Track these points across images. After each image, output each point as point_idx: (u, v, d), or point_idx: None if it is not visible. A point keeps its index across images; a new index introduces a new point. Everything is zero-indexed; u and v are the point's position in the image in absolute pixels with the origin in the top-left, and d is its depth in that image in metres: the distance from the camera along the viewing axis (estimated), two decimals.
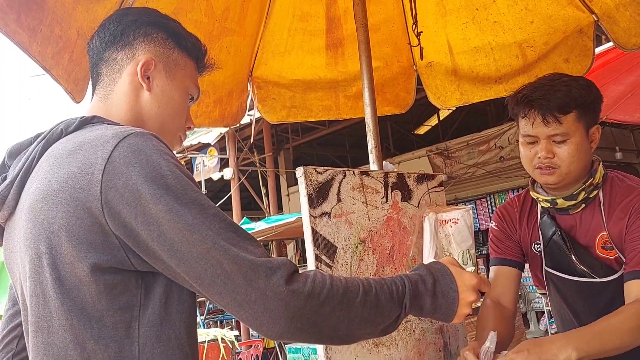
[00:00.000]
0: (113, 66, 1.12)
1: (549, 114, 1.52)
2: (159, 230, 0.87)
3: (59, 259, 0.91)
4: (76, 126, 1.01)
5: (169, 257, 0.89)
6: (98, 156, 0.91)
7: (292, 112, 2.88)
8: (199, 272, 0.88)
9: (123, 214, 0.88)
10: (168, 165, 0.92)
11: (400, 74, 2.97)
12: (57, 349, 0.92)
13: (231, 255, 0.88)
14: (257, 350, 6.51)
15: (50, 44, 1.50)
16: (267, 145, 10.79)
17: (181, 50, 1.17)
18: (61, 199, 0.90)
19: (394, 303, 1.02)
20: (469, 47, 2.77)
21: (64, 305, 0.91)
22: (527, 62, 2.64)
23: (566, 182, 1.60)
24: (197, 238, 0.88)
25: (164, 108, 1.14)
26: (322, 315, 0.92)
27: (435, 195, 1.95)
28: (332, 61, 2.84)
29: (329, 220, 1.56)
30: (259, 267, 0.89)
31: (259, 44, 2.73)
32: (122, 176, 0.89)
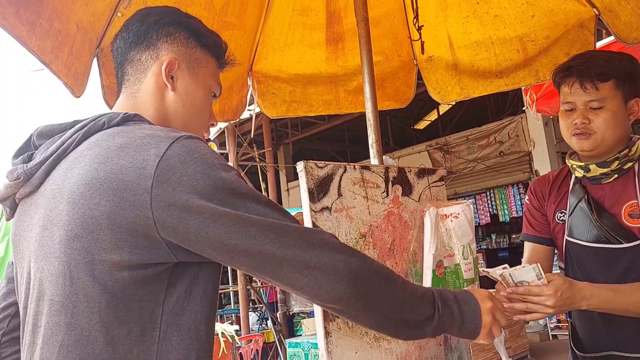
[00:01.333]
0: (138, 66, 1.16)
1: (587, 80, 1.60)
2: (214, 218, 0.92)
3: (95, 244, 0.94)
4: (118, 121, 1.05)
5: (221, 244, 0.93)
6: (151, 153, 0.94)
7: (292, 106, 2.87)
8: (254, 254, 0.94)
9: (175, 207, 0.92)
10: (220, 164, 0.97)
11: (400, 69, 2.96)
12: (80, 329, 0.94)
13: (288, 230, 0.96)
14: (257, 344, 6.52)
15: (50, 38, 1.50)
16: (266, 141, 10.77)
17: (203, 49, 1.20)
18: (107, 188, 0.93)
19: (427, 300, 1.11)
20: (470, 41, 2.76)
21: (94, 288, 0.94)
22: (528, 57, 2.63)
23: (601, 150, 1.65)
24: (253, 223, 0.94)
25: (188, 107, 1.17)
26: (373, 285, 1.00)
27: (436, 189, 1.94)
28: (332, 55, 2.83)
29: (329, 215, 1.55)
30: (314, 234, 0.98)
31: (259, 38, 2.72)
32: (176, 172, 0.93)
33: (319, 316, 1.50)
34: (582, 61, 1.65)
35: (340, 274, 0.96)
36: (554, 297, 1.44)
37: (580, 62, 1.64)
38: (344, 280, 0.96)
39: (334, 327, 1.51)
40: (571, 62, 1.68)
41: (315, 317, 1.53)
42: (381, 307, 1.04)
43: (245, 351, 6.31)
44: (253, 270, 0.98)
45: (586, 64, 1.63)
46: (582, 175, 1.73)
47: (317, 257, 0.96)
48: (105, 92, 2.05)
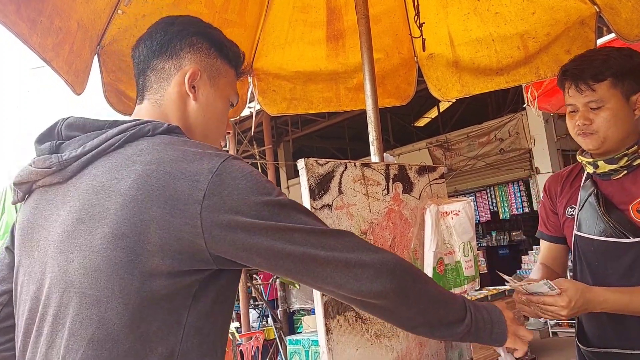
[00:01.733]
0: (161, 75, 1.18)
1: (582, 82, 1.63)
2: (261, 227, 0.98)
3: (141, 245, 0.96)
4: (164, 130, 1.09)
5: (266, 250, 0.99)
6: (204, 168, 0.99)
7: (293, 104, 2.87)
8: (298, 257, 1.00)
9: (224, 217, 0.97)
10: (266, 182, 1.04)
11: (401, 66, 2.96)
12: (112, 324, 0.97)
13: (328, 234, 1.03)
14: (257, 341, 6.53)
15: (50, 35, 1.49)
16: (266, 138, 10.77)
17: (223, 59, 1.23)
18: (160, 195, 0.97)
19: (458, 302, 1.16)
20: (470, 39, 2.76)
21: (132, 286, 0.97)
22: (529, 54, 2.63)
23: (607, 148, 1.67)
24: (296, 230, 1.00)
25: (209, 117, 1.21)
26: (408, 282, 1.06)
27: (436, 187, 1.94)
28: (332, 53, 2.83)
29: (330, 212, 1.56)
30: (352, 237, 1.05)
31: (260, 36, 2.71)
32: (228, 187, 0.98)
33: (319, 313, 1.50)
34: (577, 64, 1.68)
35: (379, 270, 1.02)
36: (567, 307, 1.51)
37: (575, 65, 1.68)
38: (383, 276, 1.02)
39: (335, 324, 1.51)
40: (568, 64, 1.71)
41: (316, 314, 1.54)
42: (417, 302, 1.09)
43: (246, 348, 6.32)
44: (298, 275, 1.03)
45: (580, 67, 1.66)
46: (593, 172, 1.75)
47: (357, 256, 1.02)
48: (106, 89, 2.05)
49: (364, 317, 1.59)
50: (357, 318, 1.58)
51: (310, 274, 1.02)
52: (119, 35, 2.04)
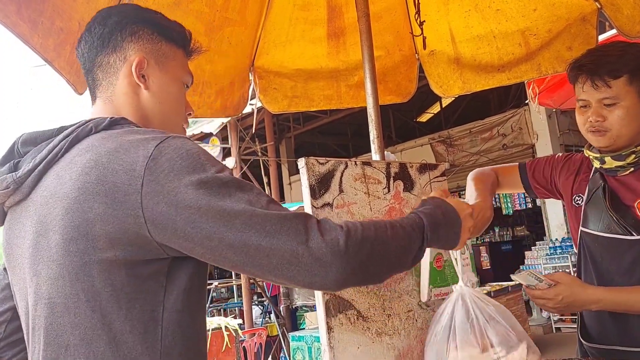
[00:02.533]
0: (108, 70, 1.16)
1: (598, 78, 1.59)
2: (199, 213, 0.92)
3: (91, 245, 0.96)
4: (105, 125, 1.06)
5: (207, 239, 0.93)
6: (139, 155, 0.96)
7: (294, 101, 2.87)
8: (240, 247, 0.92)
9: (163, 203, 0.93)
10: (206, 158, 0.98)
11: (402, 63, 2.95)
12: (83, 328, 0.97)
13: (273, 218, 0.93)
14: (260, 338, 6.55)
15: (52, 35, 1.50)
16: (268, 135, 10.77)
17: (168, 42, 1.19)
18: (99, 191, 0.95)
19: (416, 233, 1.12)
20: (472, 35, 2.75)
21: (93, 288, 0.96)
22: (530, 50, 2.62)
23: (618, 145, 1.65)
24: (237, 216, 0.92)
25: (164, 103, 1.18)
26: (365, 254, 0.98)
27: (437, 185, 1.94)
28: (333, 50, 2.82)
29: (331, 211, 1.56)
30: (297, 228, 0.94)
31: (260, 34, 2.71)
32: (164, 170, 0.94)
33: (321, 312, 1.51)
34: (593, 58, 1.63)
35: (331, 258, 0.93)
36: (553, 301, 1.58)
37: (591, 60, 1.63)
38: (336, 262, 0.93)
39: (336, 323, 1.52)
40: (583, 59, 1.66)
41: (317, 313, 1.54)
42: (381, 266, 1.04)
43: (249, 345, 6.34)
44: (243, 267, 0.95)
45: (597, 62, 1.61)
46: (599, 167, 1.74)
47: (305, 244, 0.92)
48: None
49: (365, 316, 1.59)
50: (359, 316, 1.58)
51: (256, 266, 0.94)
52: None
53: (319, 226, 0.95)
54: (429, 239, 1.14)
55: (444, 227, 1.20)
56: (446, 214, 1.22)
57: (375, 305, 1.63)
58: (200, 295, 1.06)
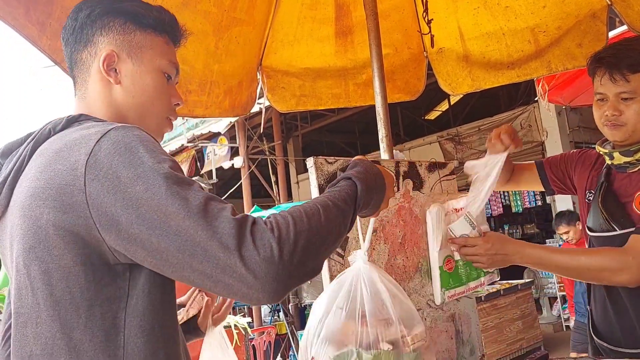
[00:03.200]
0: (81, 67, 1.11)
1: (617, 72, 1.59)
2: (137, 212, 0.87)
3: (47, 252, 0.93)
4: (63, 125, 1.02)
5: (146, 239, 0.87)
6: (82, 152, 0.92)
7: (302, 100, 2.87)
8: (173, 253, 0.86)
9: (105, 202, 0.88)
10: (146, 150, 0.92)
11: (410, 61, 2.94)
12: (44, 338, 0.93)
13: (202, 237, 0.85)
14: (269, 336, 6.56)
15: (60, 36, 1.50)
16: (276, 134, 10.78)
17: (144, 30, 1.13)
18: (48, 196, 0.92)
19: (349, 205, 1.06)
20: (481, 33, 2.74)
21: (52, 296, 0.93)
22: (540, 47, 2.61)
23: (633, 140, 1.65)
24: (172, 217, 0.86)
25: (139, 96, 1.12)
26: (301, 252, 0.90)
27: (447, 183, 1.94)
28: (341, 49, 2.82)
29: None
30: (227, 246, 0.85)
31: (268, 33, 2.71)
32: (103, 167, 0.89)
33: None
34: (613, 52, 1.63)
35: (264, 268, 0.85)
36: (483, 247, 1.63)
37: (611, 53, 1.63)
38: (271, 273, 0.85)
39: None
40: (603, 52, 1.67)
41: None
42: (318, 255, 0.95)
43: (258, 343, 6.36)
44: (180, 272, 0.88)
45: (617, 55, 1.61)
46: (610, 163, 1.74)
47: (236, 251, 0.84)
48: None
49: None
50: None
51: (192, 273, 0.87)
52: None
53: (252, 230, 0.87)
54: (360, 207, 1.09)
55: (375, 192, 1.14)
56: (377, 178, 1.16)
57: None
58: (165, 296, 1.00)
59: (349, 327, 1.24)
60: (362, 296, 1.25)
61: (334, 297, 1.28)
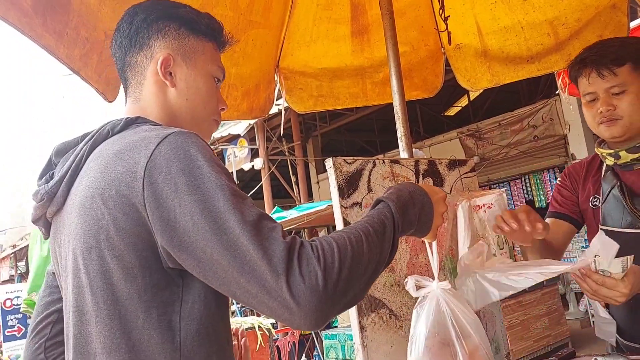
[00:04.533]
0: (136, 69, 1.14)
1: (604, 67, 1.59)
2: (192, 221, 0.87)
3: (108, 252, 0.95)
4: (121, 127, 1.05)
5: (198, 248, 0.88)
6: (141, 155, 0.93)
7: (320, 101, 2.87)
8: (223, 266, 0.87)
9: (161, 207, 0.90)
10: (205, 159, 0.92)
11: (427, 58, 2.92)
12: (104, 336, 0.96)
13: (253, 257, 0.85)
14: (293, 337, 6.58)
15: (77, 46, 1.52)
16: (295, 134, 10.80)
17: (196, 36, 1.16)
18: (109, 197, 0.94)
19: (389, 230, 1.04)
20: (499, 27, 2.70)
21: (112, 296, 0.95)
22: (559, 40, 2.57)
23: (631, 134, 1.63)
24: (227, 232, 0.86)
25: (192, 99, 1.15)
26: (344, 282, 0.90)
27: (467, 180, 1.92)
28: (357, 48, 2.81)
29: (360, 211, 1.55)
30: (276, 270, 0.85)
31: (285, 35, 2.72)
32: (162, 171, 0.91)
33: (353, 311, 1.51)
34: (594, 51, 1.65)
35: (308, 297, 0.85)
36: (627, 295, 1.40)
37: (593, 52, 1.65)
38: (313, 302, 0.85)
39: (369, 322, 1.51)
40: (583, 53, 1.69)
41: (349, 312, 1.54)
42: (360, 283, 0.95)
43: (282, 344, 6.38)
44: (227, 287, 0.89)
45: (599, 52, 1.63)
46: (613, 163, 1.71)
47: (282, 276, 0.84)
48: None
49: (397, 314, 1.58)
50: (391, 315, 1.57)
51: (237, 289, 0.88)
52: None
53: (300, 255, 0.87)
54: (400, 228, 1.07)
55: (412, 208, 1.11)
56: (413, 194, 1.13)
57: (408, 303, 1.62)
58: (218, 302, 1.02)
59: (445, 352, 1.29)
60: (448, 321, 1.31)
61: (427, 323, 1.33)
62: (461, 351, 1.27)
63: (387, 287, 1.57)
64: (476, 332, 1.30)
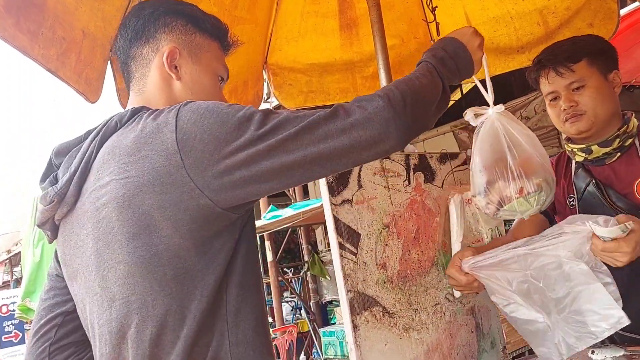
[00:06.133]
0: (140, 62, 1.15)
1: (560, 65, 1.63)
2: (250, 158, 0.93)
3: (155, 235, 0.96)
4: (128, 117, 1.05)
5: (271, 172, 0.94)
6: (165, 131, 0.95)
7: (310, 97, 2.84)
8: (303, 158, 0.94)
9: (211, 165, 0.93)
10: (226, 105, 0.98)
11: (417, 51, 2.89)
12: (164, 318, 0.98)
13: (314, 124, 0.95)
14: (291, 335, 6.56)
15: (54, 45, 1.47)
16: None
17: (202, 33, 1.18)
18: (144, 182, 0.95)
19: (433, 76, 1.13)
20: (488, 17, 2.68)
21: (166, 276, 0.97)
22: (549, 29, 2.54)
23: (597, 129, 1.63)
24: (289, 139, 0.94)
25: (197, 94, 1.15)
26: (411, 108, 1.00)
27: (459, 174, 1.89)
28: (346, 42, 2.78)
29: (350, 207, 1.52)
30: (339, 112, 0.97)
31: (272, 30, 2.68)
32: (196, 135, 0.94)
33: (345, 310, 1.48)
34: (548, 51, 1.70)
35: (383, 124, 0.96)
36: (630, 254, 1.31)
37: (548, 52, 1.70)
38: (391, 125, 0.96)
39: (362, 320, 1.48)
40: (539, 56, 1.73)
41: (342, 311, 1.51)
42: (425, 113, 1.06)
43: (280, 342, 6.36)
44: (312, 177, 0.99)
45: (553, 52, 1.68)
46: (584, 159, 1.69)
47: (355, 129, 0.95)
48: (120, 95, 2.04)
49: (391, 312, 1.56)
50: (385, 312, 1.55)
51: (324, 171, 0.98)
52: None
53: (358, 101, 0.98)
54: (446, 76, 1.15)
55: (449, 59, 1.18)
56: (446, 46, 1.21)
57: (401, 300, 1.59)
58: (253, 257, 1.08)
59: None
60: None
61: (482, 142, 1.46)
62: (512, 160, 1.37)
63: (380, 285, 1.54)
64: (528, 143, 1.39)
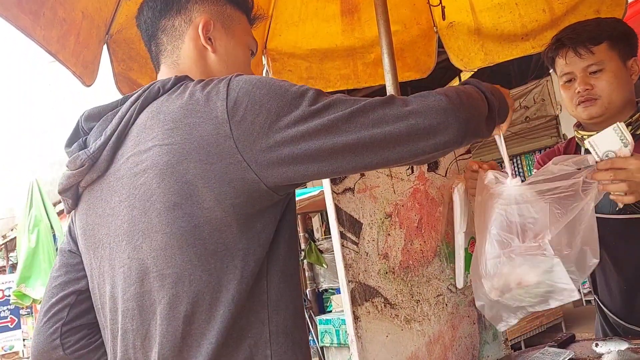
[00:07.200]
0: (173, 34, 1.12)
1: (581, 46, 1.58)
2: (300, 133, 0.89)
3: (197, 206, 0.92)
4: (172, 84, 1.01)
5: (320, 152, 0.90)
6: (215, 100, 0.92)
7: (310, 83, 2.80)
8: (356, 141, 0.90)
9: (261, 139, 0.89)
10: (279, 80, 0.95)
11: (420, 37, 2.85)
12: (201, 295, 0.93)
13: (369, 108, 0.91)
14: None
15: (55, 27, 1.44)
16: None
17: (233, 5, 1.15)
18: (190, 150, 0.91)
19: (478, 94, 1.08)
20: (492, 4, 2.64)
21: (206, 250, 0.93)
22: (555, 16, 2.51)
23: (609, 115, 1.59)
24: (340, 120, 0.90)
25: (231, 67, 1.13)
26: (467, 109, 0.96)
27: (462, 163, 1.86)
28: (348, 28, 2.74)
29: (352, 196, 1.49)
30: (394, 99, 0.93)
31: (272, 15, 2.64)
32: (246, 105, 0.90)
33: (346, 301, 1.45)
34: (570, 31, 1.65)
35: (441, 116, 0.92)
36: (630, 172, 1.28)
37: (570, 31, 1.65)
38: (451, 119, 0.92)
39: (363, 312, 1.46)
40: (560, 34, 1.67)
41: (342, 302, 1.49)
42: (479, 119, 1.03)
43: None
44: (362, 163, 0.93)
45: (575, 31, 1.62)
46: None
47: (412, 116, 0.91)
48: (117, 79, 2.00)
49: (392, 303, 1.54)
50: (386, 303, 1.52)
51: (376, 159, 0.92)
52: (127, 24, 1.98)
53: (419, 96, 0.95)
54: (491, 101, 1.10)
55: (490, 93, 1.13)
56: (485, 84, 1.17)
57: (403, 291, 1.57)
58: (295, 246, 1.05)
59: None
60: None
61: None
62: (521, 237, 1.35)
63: (382, 275, 1.52)
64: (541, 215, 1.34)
